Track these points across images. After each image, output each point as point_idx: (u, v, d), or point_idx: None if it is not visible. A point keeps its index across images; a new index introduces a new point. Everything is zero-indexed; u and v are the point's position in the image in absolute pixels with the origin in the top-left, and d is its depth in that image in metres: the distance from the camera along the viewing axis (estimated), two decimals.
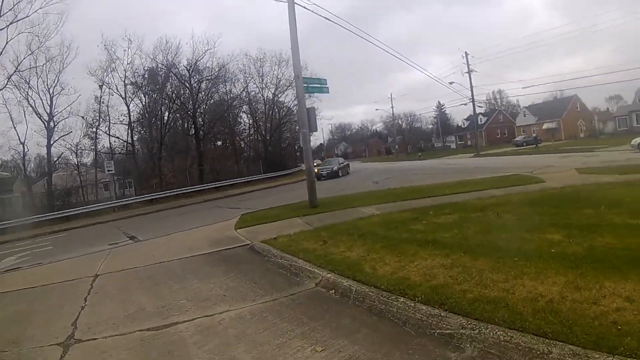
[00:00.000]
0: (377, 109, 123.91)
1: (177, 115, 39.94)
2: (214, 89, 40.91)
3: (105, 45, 34.15)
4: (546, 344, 3.39)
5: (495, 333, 3.71)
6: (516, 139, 62.55)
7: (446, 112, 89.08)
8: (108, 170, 30.46)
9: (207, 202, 25.81)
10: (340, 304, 5.27)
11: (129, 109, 35.59)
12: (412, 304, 4.58)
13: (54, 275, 9.07)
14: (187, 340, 4.69)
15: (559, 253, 5.58)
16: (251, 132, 46.94)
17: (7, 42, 28.25)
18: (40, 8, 29.08)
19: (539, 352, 3.35)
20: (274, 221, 12.02)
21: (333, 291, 5.70)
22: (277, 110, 45.36)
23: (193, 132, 39.36)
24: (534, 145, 48.29)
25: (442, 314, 4.23)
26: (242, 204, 20.19)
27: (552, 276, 4.74)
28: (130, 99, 35.76)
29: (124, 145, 36.62)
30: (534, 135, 59.15)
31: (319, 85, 15.90)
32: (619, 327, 3.46)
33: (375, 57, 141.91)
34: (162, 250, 10.47)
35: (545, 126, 64.80)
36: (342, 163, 36.47)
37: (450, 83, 50.48)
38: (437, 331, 4.07)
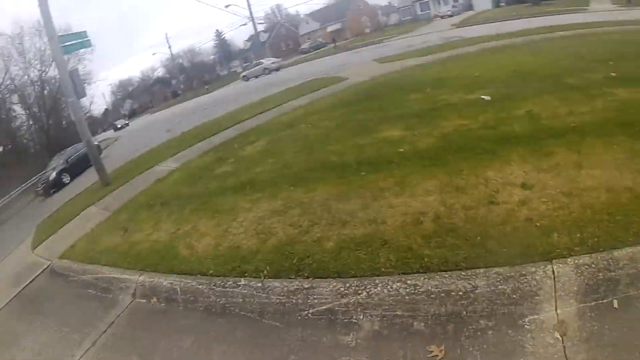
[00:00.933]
0: (154, 54, 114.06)
1: None
2: None
3: None
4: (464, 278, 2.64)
5: (400, 291, 2.75)
6: (302, 47, 61.77)
7: (226, 38, 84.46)
8: None
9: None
10: (170, 317, 3.82)
11: None
12: (259, 284, 3.35)
13: None
14: None
15: (411, 152, 4.79)
16: (30, 123, 39.03)
17: None
18: None
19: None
20: (70, 220, 9.39)
21: (155, 299, 4.18)
22: (48, 88, 37.96)
23: None
24: (333, 45, 47.52)
25: (306, 285, 3.10)
26: (39, 209, 16.35)
27: (419, 183, 3.95)
28: None
29: None
30: (319, 39, 60.09)
31: (79, 41, 12.52)
32: (538, 224, 2.91)
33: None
34: None
35: (329, 29, 65.21)
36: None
37: (226, 6, 47.57)
38: (312, 311, 2.96)
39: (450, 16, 48.71)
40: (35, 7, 10.80)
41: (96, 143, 21.32)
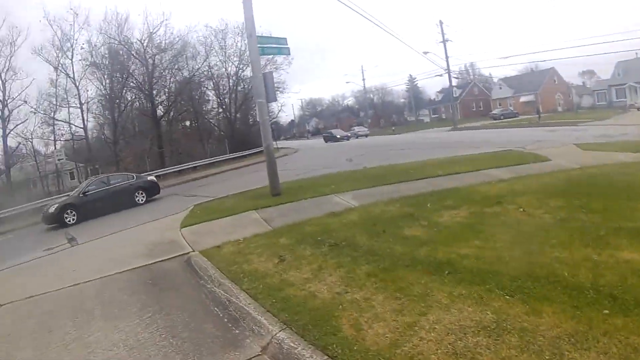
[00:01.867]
0: (347, 82, 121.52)
1: (141, 95, 36.30)
2: (176, 66, 37.31)
3: (48, 20, 30.35)
4: None
5: None
6: (493, 112, 58.94)
7: (418, 85, 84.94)
8: (58, 159, 28.14)
9: (165, 189, 23.05)
10: None
11: (78, 92, 32.28)
12: None
13: None
14: None
15: None
16: (219, 110, 43.54)
17: None
18: None
19: None
20: (227, 216, 9.59)
21: None
22: (242, 85, 41.71)
23: (151, 112, 35.85)
24: (537, 117, 44.14)
25: None
26: (201, 191, 17.50)
27: None
28: (79, 80, 32.44)
29: (82, 131, 33.52)
30: (510, 108, 57.72)
31: (277, 46, 13.02)
32: None
33: (345, 27, 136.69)
34: (88, 261, 8.22)
35: (522, 99, 62.04)
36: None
37: (425, 53, 46.82)
38: None
39: None
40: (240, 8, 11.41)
41: (151, 178, 18.93)
